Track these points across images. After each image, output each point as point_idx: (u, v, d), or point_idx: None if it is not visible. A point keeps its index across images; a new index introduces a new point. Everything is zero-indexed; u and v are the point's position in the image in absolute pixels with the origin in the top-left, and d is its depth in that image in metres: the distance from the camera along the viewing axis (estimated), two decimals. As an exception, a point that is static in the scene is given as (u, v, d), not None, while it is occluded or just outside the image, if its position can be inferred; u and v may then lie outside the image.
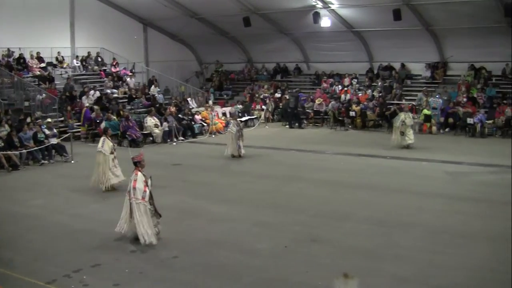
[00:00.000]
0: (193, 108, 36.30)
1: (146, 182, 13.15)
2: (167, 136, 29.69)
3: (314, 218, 15.18)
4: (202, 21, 41.33)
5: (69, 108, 31.38)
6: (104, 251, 12.62)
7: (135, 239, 13.03)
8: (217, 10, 38.09)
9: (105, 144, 18.66)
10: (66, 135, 26.31)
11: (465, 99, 32.71)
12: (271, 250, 12.64)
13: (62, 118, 31.18)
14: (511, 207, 14.93)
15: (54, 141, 24.77)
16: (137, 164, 13.42)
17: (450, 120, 31.67)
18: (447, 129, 31.86)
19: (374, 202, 16.85)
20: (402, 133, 26.05)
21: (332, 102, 36.36)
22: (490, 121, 30.34)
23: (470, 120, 29.95)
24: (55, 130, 25.88)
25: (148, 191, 13.07)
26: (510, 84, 34.09)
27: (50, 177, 21.59)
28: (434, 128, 31.53)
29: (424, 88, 35.23)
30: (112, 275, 11.25)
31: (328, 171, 21.71)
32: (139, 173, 13.21)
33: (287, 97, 37.60)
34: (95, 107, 31.42)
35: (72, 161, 24.42)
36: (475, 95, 33.26)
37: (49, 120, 26.79)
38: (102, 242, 13.28)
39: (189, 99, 38.93)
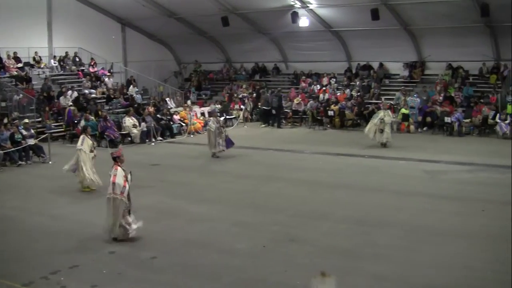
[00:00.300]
0: (171, 108, 36.18)
1: (126, 177, 13.15)
2: (146, 136, 29.58)
3: (292, 218, 15.21)
4: (181, 21, 41.25)
5: (47, 108, 31.19)
6: (82, 252, 12.55)
7: (117, 239, 13.09)
8: (195, 9, 38.03)
9: (85, 142, 18.58)
10: (44, 135, 26.15)
11: (441, 98, 32.94)
12: (250, 250, 12.66)
13: (39, 119, 30.99)
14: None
15: (31, 141, 24.58)
16: (116, 159, 13.44)
17: (428, 119, 31.85)
18: (425, 128, 32.01)
19: (352, 201, 16.92)
20: (382, 131, 26.17)
21: (311, 101, 36.43)
22: (468, 120, 30.53)
23: (447, 119, 30.14)
24: (32, 131, 25.67)
25: (127, 187, 13.08)
26: (487, 84, 34.43)
27: (28, 178, 21.43)
28: (412, 127, 31.70)
29: (402, 87, 35.45)
30: (90, 277, 11.19)
31: (306, 170, 21.75)
32: (118, 168, 13.24)
33: (263, 96, 37.77)
34: (72, 107, 31.24)
35: (50, 162, 24.23)
36: (452, 94, 33.49)
37: (26, 120, 26.60)
38: (80, 243, 13.21)
39: (167, 99, 38.79)
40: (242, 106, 38.28)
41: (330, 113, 33.95)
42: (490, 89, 33.47)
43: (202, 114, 36.42)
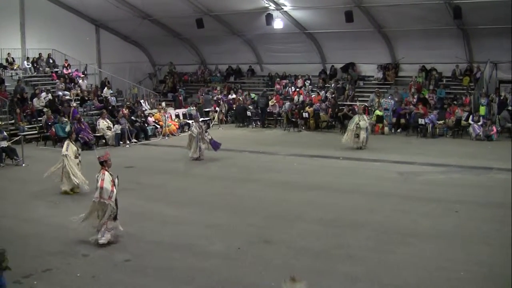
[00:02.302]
0: (146, 110, 36.06)
1: (113, 181, 13.12)
2: (118, 138, 29.38)
3: (266, 220, 15.23)
4: (155, 23, 41.22)
5: (18, 110, 30.88)
6: (55, 256, 12.44)
7: (95, 240, 13.02)
8: (169, 11, 37.99)
9: (70, 148, 18.36)
10: (17, 138, 25.93)
11: (414, 100, 33.15)
12: (224, 252, 12.64)
13: (12, 121, 30.71)
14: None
15: (4, 144, 24.30)
16: (104, 164, 13.38)
17: (402, 120, 32.08)
18: (399, 130, 32.28)
19: (326, 203, 16.96)
20: (357, 136, 26.20)
21: (287, 103, 36.51)
22: (441, 122, 30.73)
23: (421, 121, 30.33)
24: (5, 133, 25.39)
25: (115, 191, 13.07)
26: (460, 85, 34.76)
27: (0, 181, 21.19)
28: (386, 129, 31.90)
29: (376, 89, 35.62)
30: (63, 280, 11.12)
31: (281, 172, 21.78)
32: (106, 172, 13.17)
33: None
34: (45, 109, 31.07)
35: (23, 165, 23.98)
36: (426, 96, 33.71)
37: (-1, 122, 26.37)
38: (53, 246, 13.09)
39: (142, 101, 38.66)
40: (217, 108, 38.25)
41: (305, 115, 34.03)
42: (463, 91, 33.81)
43: (177, 116, 36.31)
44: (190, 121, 34.87)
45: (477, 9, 29.85)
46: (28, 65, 36.83)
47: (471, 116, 29.79)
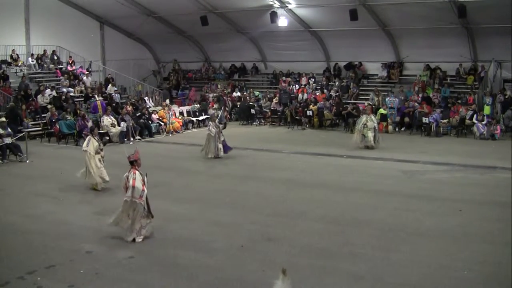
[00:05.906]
0: (150, 107, 36.04)
1: (143, 180, 13.19)
2: (123, 136, 29.38)
3: (270, 217, 15.22)
4: (159, 20, 41.19)
5: (23, 107, 30.91)
6: (59, 252, 12.45)
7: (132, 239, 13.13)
8: (174, 8, 37.97)
9: (90, 143, 18.36)
10: (21, 134, 25.92)
11: (419, 99, 33.09)
12: (227, 249, 12.65)
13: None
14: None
15: (8, 140, 24.31)
16: (134, 163, 13.43)
17: (406, 119, 32.03)
18: (402, 128, 32.25)
19: (329, 200, 16.97)
20: (364, 136, 26.19)
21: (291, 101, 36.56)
22: (445, 121, 30.75)
23: (425, 120, 30.31)
24: (9, 129, 25.38)
25: (145, 190, 13.17)
26: (464, 84, 34.70)
27: (4, 177, 21.14)
28: (390, 127, 31.86)
29: (375, 87, 35.64)
30: (67, 276, 11.12)
31: (284, 170, 21.76)
32: (137, 172, 13.25)
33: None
34: (49, 106, 31.10)
35: (27, 161, 23.99)
36: (430, 95, 33.66)
37: (3, 119, 26.27)
38: (56, 243, 13.11)
39: (146, 98, 38.65)
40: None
41: (309, 113, 34.02)
42: (467, 90, 33.72)
43: (181, 113, 36.32)
44: (194, 119, 35.15)
45: (481, 7, 29.80)
46: (32, 61, 36.85)
47: (475, 115, 29.76)
